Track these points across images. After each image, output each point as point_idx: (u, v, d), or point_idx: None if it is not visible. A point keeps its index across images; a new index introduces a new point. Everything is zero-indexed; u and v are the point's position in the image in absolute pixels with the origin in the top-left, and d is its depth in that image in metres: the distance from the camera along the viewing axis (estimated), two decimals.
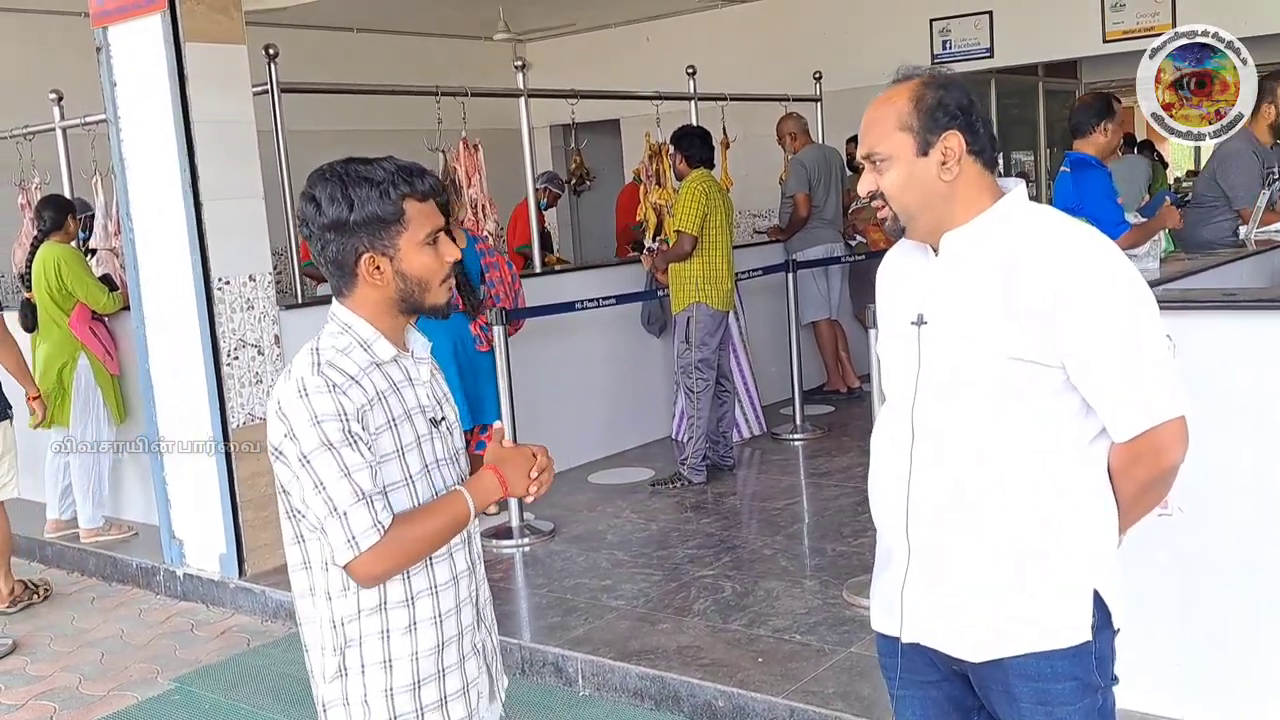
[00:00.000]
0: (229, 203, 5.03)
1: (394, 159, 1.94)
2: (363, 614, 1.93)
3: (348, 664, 1.95)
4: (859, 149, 1.96)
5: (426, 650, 1.97)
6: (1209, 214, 5.92)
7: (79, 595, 5.58)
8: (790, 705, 3.58)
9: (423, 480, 1.95)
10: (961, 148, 1.88)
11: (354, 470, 1.83)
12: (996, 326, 1.84)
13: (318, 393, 1.83)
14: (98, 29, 5.14)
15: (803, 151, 7.86)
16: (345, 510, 1.82)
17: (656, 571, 4.89)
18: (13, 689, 4.49)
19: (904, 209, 1.91)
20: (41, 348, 5.94)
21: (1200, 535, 3.18)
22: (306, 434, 1.83)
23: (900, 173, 1.89)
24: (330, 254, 1.92)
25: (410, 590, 1.95)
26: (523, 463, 2.01)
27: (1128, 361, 1.82)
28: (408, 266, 1.92)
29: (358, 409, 1.85)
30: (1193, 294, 3.64)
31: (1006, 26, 9.02)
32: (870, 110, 1.95)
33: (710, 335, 6.11)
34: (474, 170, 6.36)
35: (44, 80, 7.03)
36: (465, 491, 1.95)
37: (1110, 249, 1.87)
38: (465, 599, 2.04)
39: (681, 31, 10.40)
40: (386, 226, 1.89)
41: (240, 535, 5.14)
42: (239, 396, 5.07)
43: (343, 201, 1.88)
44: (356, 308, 1.95)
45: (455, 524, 1.94)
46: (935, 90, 1.89)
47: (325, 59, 8.59)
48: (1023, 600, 1.90)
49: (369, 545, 1.83)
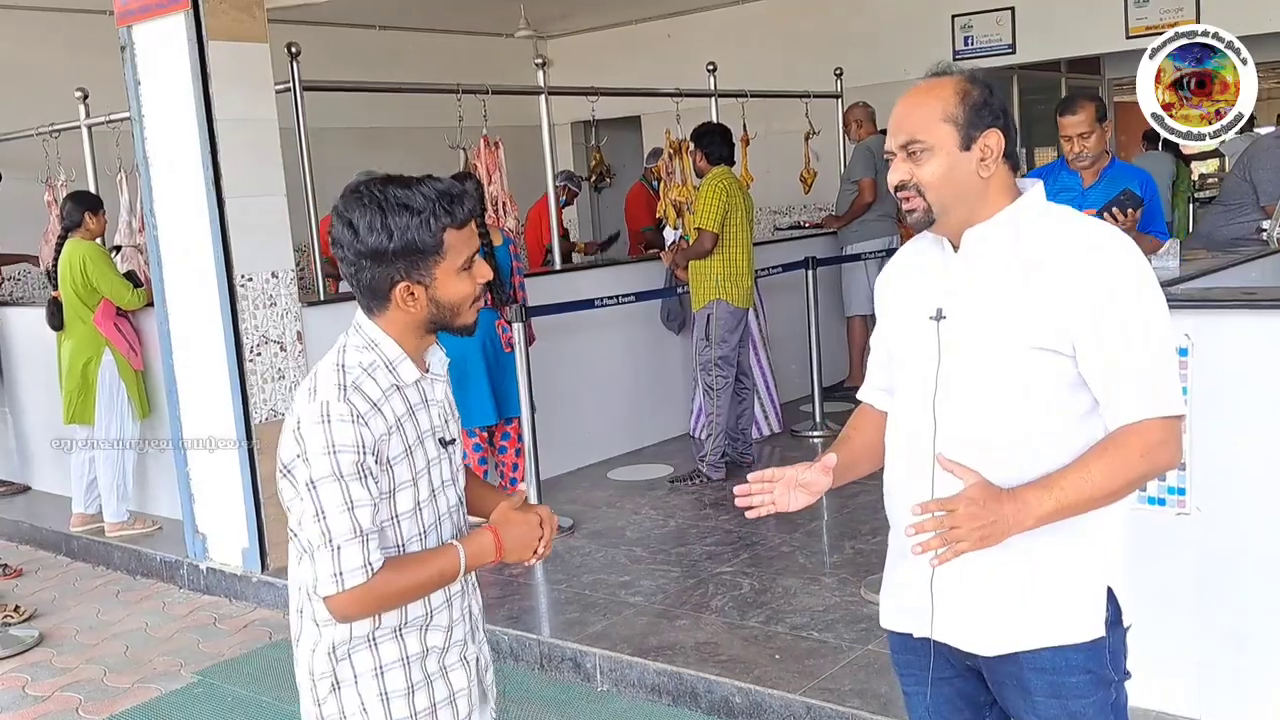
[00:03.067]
0: (251, 200, 5.06)
1: (433, 181, 1.88)
2: (354, 640, 1.93)
3: (340, 677, 1.94)
4: (892, 139, 1.93)
5: (415, 655, 1.97)
6: (1236, 212, 5.89)
7: (104, 589, 5.64)
8: (807, 702, 3.58)
9: (429, 506, 1.94)
10: (1000, 147, 1.89)
11: (357, 505, 1.81)
12: (1018, 318, 1.86)
13: (340, 421, 1.80)
14: (122, 28, 5.18)
15: (869, 139, 7.83)
16: (339, 544, 1.81)
17: (675, 568, 4.90)
18: (39, 681, 4.54)
19: (940, 201, 1.90)
20: (67, 344, 6.00)
21: (1221, 535, 3.17)
22: (319, 461, 1.80)
23: (941, 164, 1.88)
24: (365, 280, 1.88)
25: (405, 615, 1.94)
26: (526, 530, 1.97)
27: (1135, 350, 1.83)
28: (443, 294, 1.89)
29: (376, 440, 1.83)
30: (1213, 293, 3.62)
31: (1029, 22, 8.97)
32: (909, 99, 1.93)
33: (730, 332, 6.12)
34: (494, 168, 6.38)
35: (69, 78, 7.10)
36: (460, 548, 1.92)
37: (1129, 245, 1.88)
38: (458, 618, 2.04)
39: (702, 28, 10.38)
40: (425, 257, 1.85)
41: (263, 530, 5.19)
42: (261, 393, 5.11)
43: (382, 231, 1.83)
44: (384, 325, 1.92)
45: (442, 579, 1.92)
46: (980, 88, 1.90)
47: (347, 57, 8.61)
48: (1038, 595, 1.91)
49: (353, 585, 1.81)
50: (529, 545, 1.98)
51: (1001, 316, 1.87)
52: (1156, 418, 1.83)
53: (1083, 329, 1.82)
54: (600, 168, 10.37)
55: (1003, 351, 1.87)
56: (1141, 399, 1.83)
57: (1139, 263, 1.86)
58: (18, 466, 7.24)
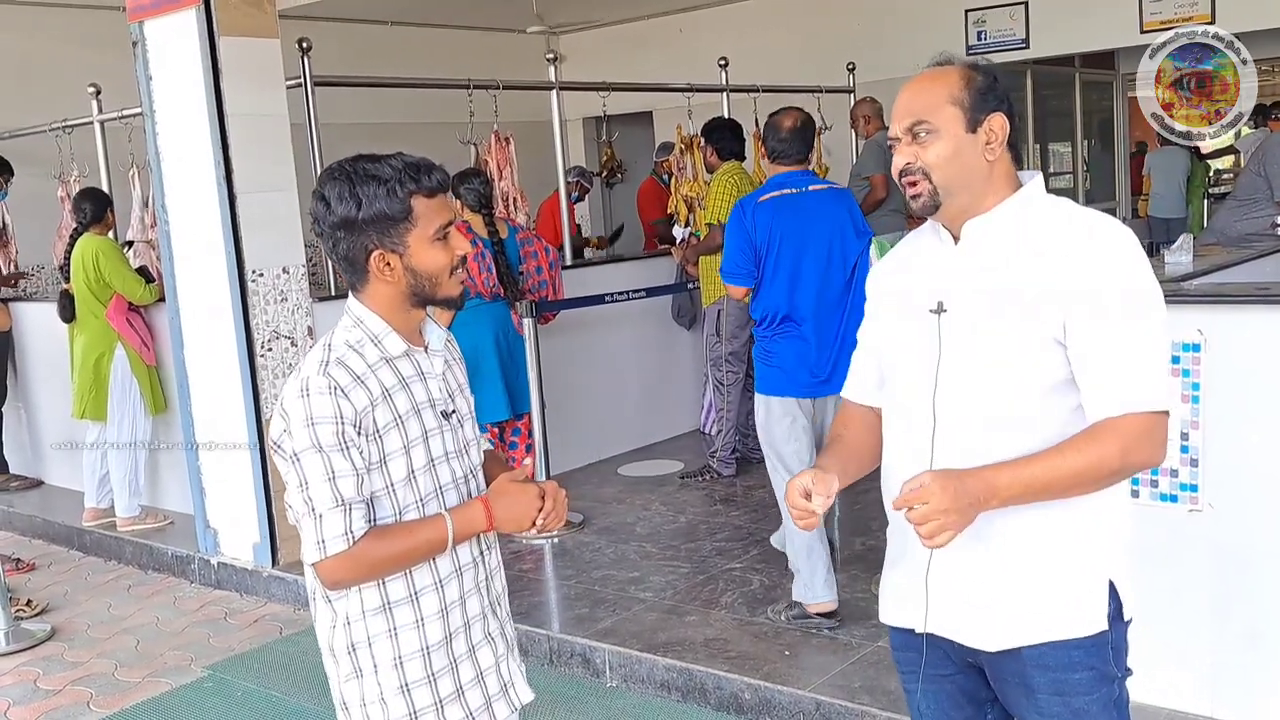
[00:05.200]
0: (263, 195, 5.07)
1: (403, 155, 1.95)
2: (368, 614, 1.96)
3: (360, 664, 1.98)
4: (897, 122, 1.93)
5: (436, 643, 1.99)
6: (1250, 207, 5.85)
7: (115, 583, 5.66)
8: (816, 699, 3.58)
9: (426, 475, 1.97)
10: (1005, 130, 1.90)
11: (339, 476, 1.87)
12: (1021, 310, 1.84)
13: (319, 394, 1.87)
14: (134, 23, 5.20)
15: (878, 134, 7.81)
16: (321, 513, 1.88)
17: (685, 564, 4.90)
18: (51, 675, 4.56)
19: (945, 183, 1.89)
20: (79, 339, 6.03)
21: (1234, 531, 3.15)
22: (300, 433, 1.88)
23: (947, 145, 1.88)
24: (341, 251, 1.95)
25: (413, 586, 1.97)
26: (521, 502, 1.99)
27: (1121, 341, 1.79)
28: (418, 262, 1.94)
29: (358, 412, 1.88)
30: (1227, 288, 3.60)
31: (1042, 17, 8.93)
32: (914, 84, 1.94)
33: (741, 328, 6.10)
34: (505, 163, 6.38)
35: (82, 74, 7.12)
36: (449, 517, 1.95)
37: (1130, 237, 1.86)
38: (470, 590, 2.06)
39: (714, 23, 10.36)
40: (395, 224, 1.91)
41: (273, 525, 5.20)
42: (272, 388, 5.12)
43: (350, 200, 1.90)
44: (369, 302, 1.98)
45: (430, 548, 1.95)
46: (984, 74, 1.92)
47: (358, 52, 8.62)
48: (1039, 589, 1.90)
49: (335, 552, 1.88)
50: (524, 517, 1.99)
51: (1004, 309, 1.86)
52: (1140, 412, 1.79)
53: (1072, 316, 1.80)
54: (612, 163, 10.36)
55: (1005, 344, 1.86)
56: (1125, 391, 1.79)
57: (1134, 253, 1.84)
58: (31, 461, 7.28)
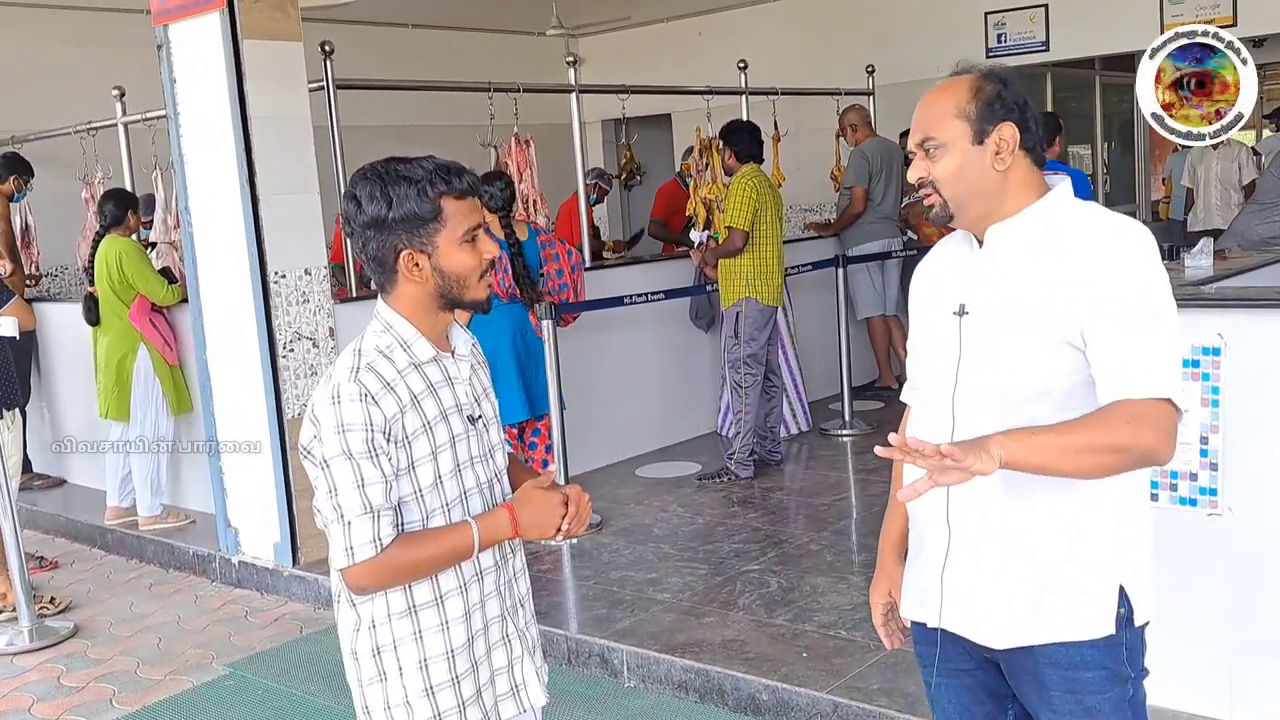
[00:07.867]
0: (285, 197, 5.11)
1: (434, 158, 1.97)
2: (393, 617, 1.98)
3: (385, 668, 2.00)
4: (912, 137, 1.98)
5: (460, 646, 2.01)
6: (1271, 210, 5.81)
7: (137, 581, 5.71)
8: (834, 700, 3.58)
9: (452, 480, 1.99)
10: (1015, 139, 1.91)
11: (368, 483, 1.88)
12: (1039, 313, 1.85)
13: (349, 401, 1.88)
14: (158, 26, 5.24)
15: (865, 143, 7.82)
16: (350, 520, 1.89)
17: (702, 565, 4.91)
18: (74, 672, 4.61)
19: (954, 196, 1.92)
20: (103, 340, 6.08)
21: (1255, 536, 3.14)
22: (330, 440, 1.89)
23: (954, 159, 1.91)
24: (371, 251, 1.97)
25: (438, 589, 1.99)
26: (546, 509, 2.00)
27: (1132, 332, 1.79)
28: (446, 263, 1.95)
29: (388, 419, 1.89)
30: (1247, 292, 3.59)
31: (1062, 19, 8.90)
32: (926, 98, 1.97)
33: (759, 330, 6.11)
34: (525, 165, 6.41)
35: (106, 77, 7.19)
36: (474, 525, 1.97)
37: (1142, 233, 1.87)
38: (490, 593, 2.07)
39: (733, 25, 10.37)
40: (424, 224, 1.93)
41: (294, 524, 5.24)
42: (294, 388, 5.15)
43: (381, 200, 1.92)
44: (398, 305, 1.99)
45: (456, 555, 1.96)
46: (994, 83, 1.93)
47: (380, 55, 8.67)
48: (1047, 590, 1.91)
49: (363, 559, 1.90)
50: (549, 524, 2.00)
51: (1023, 312, 1.87)
52: (1149, 397, 1.78)
53: (1089, 317, 1.80)
54: (631, 165, 10.38)
55: (1023, 347, 1.87)
56: (1136, 376, 1.78)
57: (1148, 251, 1.85)
58: (54, 460, 7.34)
